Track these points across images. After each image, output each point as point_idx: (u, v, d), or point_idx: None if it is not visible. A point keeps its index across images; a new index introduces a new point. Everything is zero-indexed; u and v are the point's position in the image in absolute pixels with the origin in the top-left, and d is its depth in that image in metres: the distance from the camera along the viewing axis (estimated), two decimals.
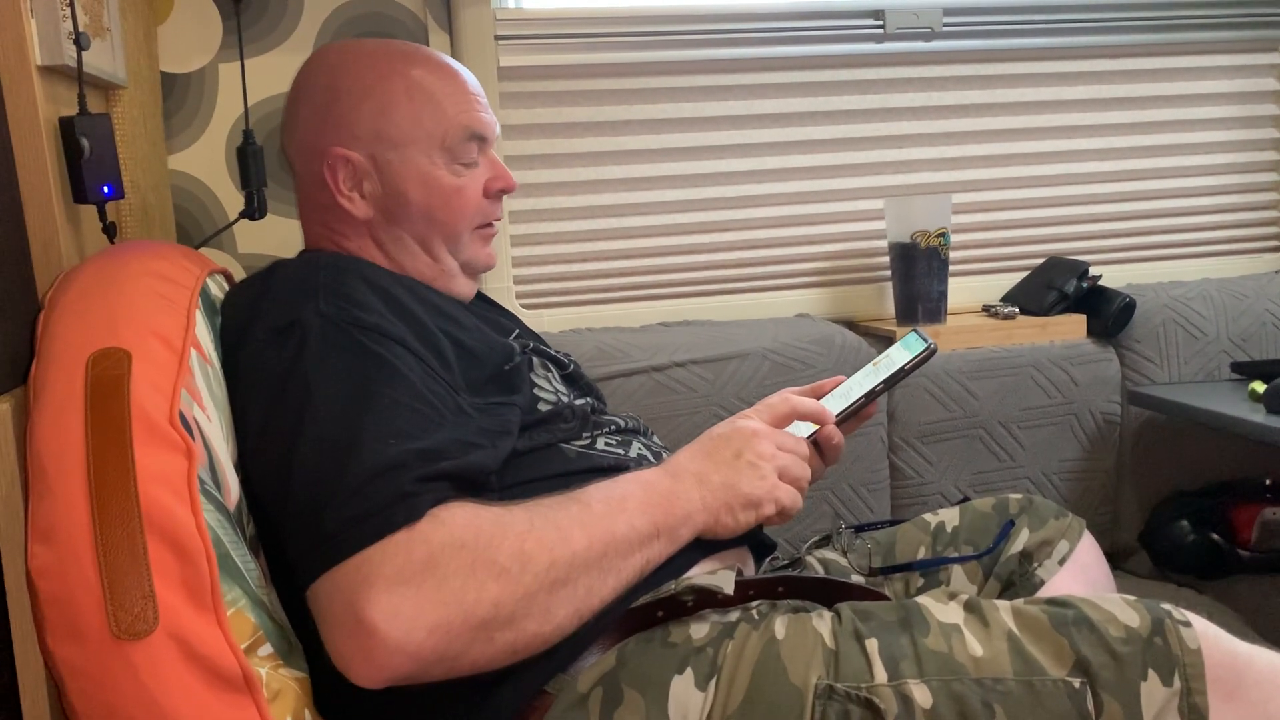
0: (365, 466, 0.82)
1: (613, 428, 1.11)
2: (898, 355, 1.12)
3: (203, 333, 0.94)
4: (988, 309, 1.75)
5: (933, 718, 0.82)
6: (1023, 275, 1.80)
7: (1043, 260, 1.80)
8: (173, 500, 0.76)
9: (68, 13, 0.98)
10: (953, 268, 1.70)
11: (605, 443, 1.07)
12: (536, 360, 1.10)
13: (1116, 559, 1.67)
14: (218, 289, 1.09)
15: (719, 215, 1.74)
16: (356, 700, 0.82)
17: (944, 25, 1.74)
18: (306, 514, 0.82)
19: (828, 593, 0.97)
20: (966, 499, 1.26)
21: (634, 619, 0.90)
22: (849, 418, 1.10)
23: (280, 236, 1.50)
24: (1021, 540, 1.15)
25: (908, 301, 1.68)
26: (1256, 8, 1.85)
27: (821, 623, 0.89)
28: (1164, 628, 0.85)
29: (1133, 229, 1.89)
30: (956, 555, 1.16)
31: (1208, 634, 0.86)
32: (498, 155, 1.16)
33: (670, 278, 1.74)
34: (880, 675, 0.84)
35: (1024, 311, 1.72)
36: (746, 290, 1.76)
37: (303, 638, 0.87)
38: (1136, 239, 1.90)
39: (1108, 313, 1.67)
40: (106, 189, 1.04)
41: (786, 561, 1.20)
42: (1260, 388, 1.47)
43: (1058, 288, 1.71)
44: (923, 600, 0.92)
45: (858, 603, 0.93)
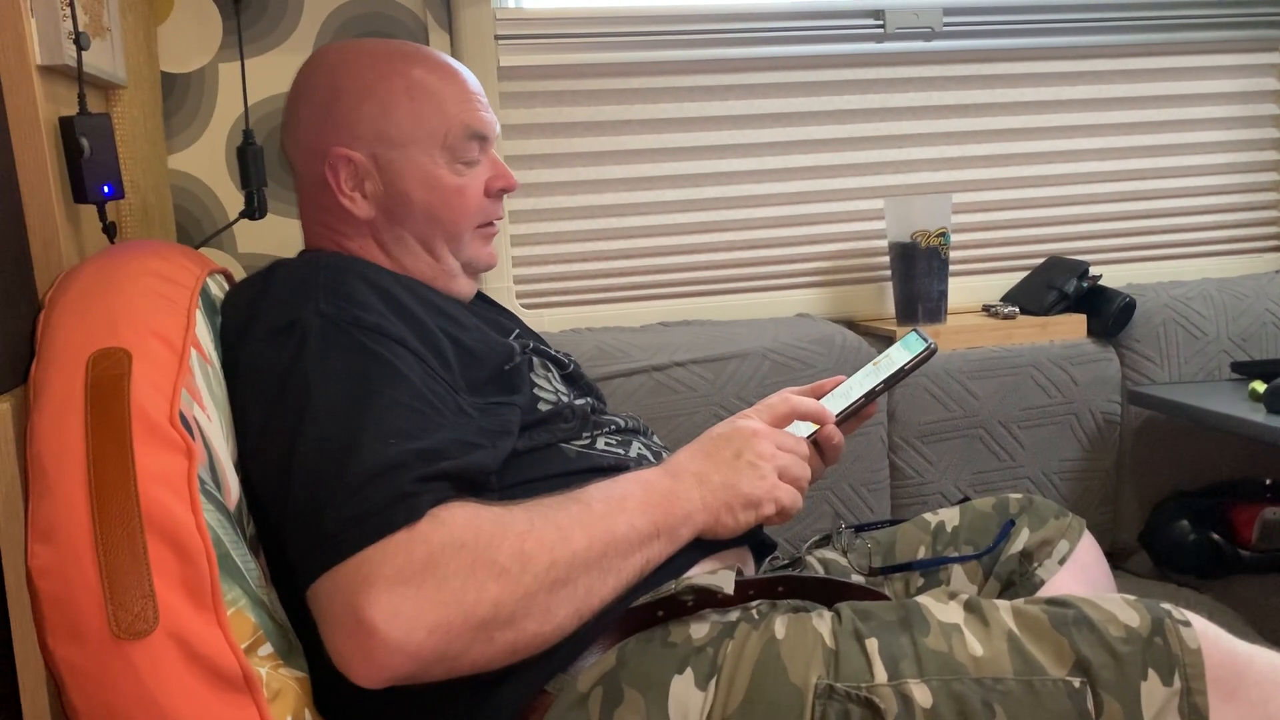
0: (365, 466, 0.82)
1: (613, 427, 1.11)
2: (898, 355, 1.12)
3: (203, 332, 0.94)
4: (988, 309, 1.75)
5: (933, 717, 0.82)
6: (1023, 275, 1.80)
7: (1043, 260, 1.80)
8: (173, 500, 0.76)
9: (68, 12, 0.98)
10: (953, 267, 1.70)
11: (605, 442, 1.07)
12: (537, 360, 1.10)
13: (1116, 559, 1.66)
14: (218, 289, 1.09)
15: (719, 215, 1.74)
16: (356, 700, 0.82)
17: (944, 25, 1.74)
18: (306, 514, 0.82)
19: (828, 592, 0.97)
20: (966, 499, 1.26)
21: (634, 619, 0.90)
22: (849, 418, 1.10)
23: (280, 236, 1.50)
24: (1021, 540, 1.15)
25: (908, 301, 1.68)
26: (1256, 8, 1.85)
27: (821, 622, 0.89)
28: (1164, 627, 0.85)
29: (1133, 229, 1.89)
30: (956, 555, 1.16)
31: (1208, 634, 0.86)
32: (498, 155, 1.16)
33: (670, 277, 1.74)
34: (880, 675, 0.84)
35: (1024, 311, 1.72)
36: (747, 290, 1.76)
37: (303, 637, 0.87)
38: (1136, 239, 1.90)
39: (1108, 312, 1.67)
40: (106, 189, 1.04)
41: (786, 561, 1.20)
42: (1260, 387, 1.47)
43: (1058, 287, 1.70)
44: (923, 600, 0.92)
45: (858, 602, 0.93)
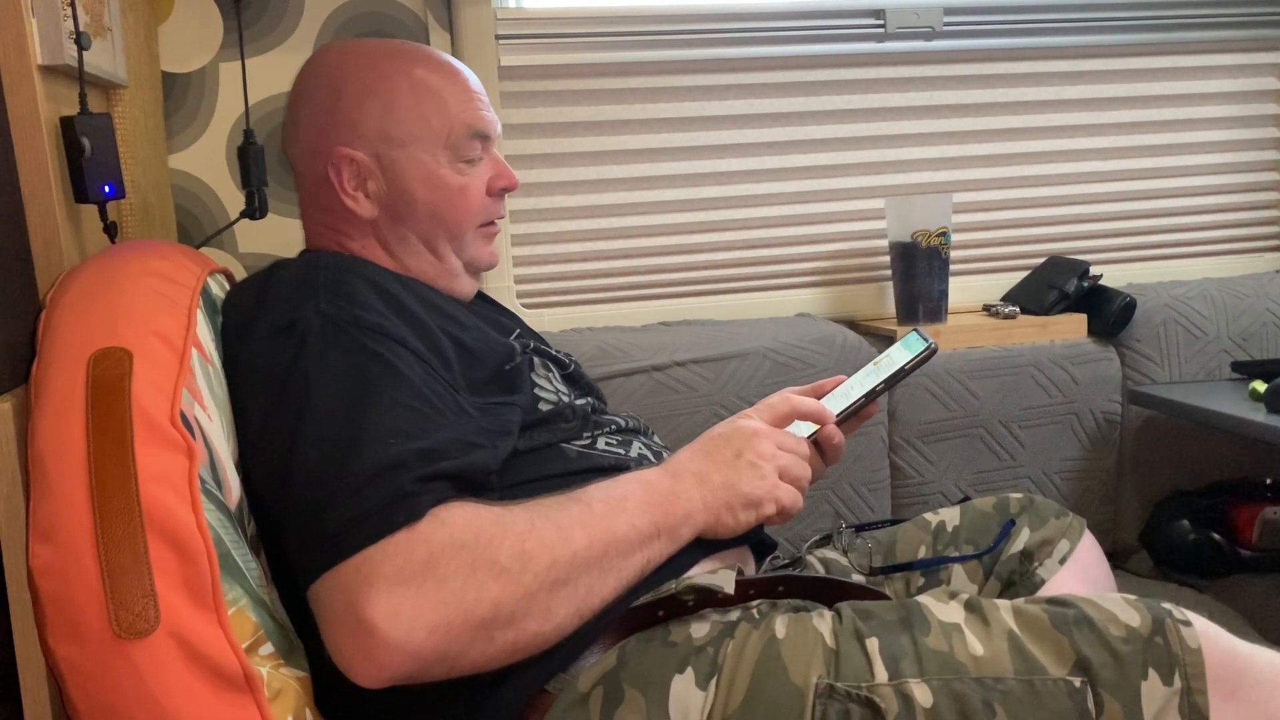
0: (365, 466, 0.82)
1: (613, 427, 1.11)
2: (898, 355, 1.12)
3: (204, 332, 0.94)
4: (988, 308, 1.75)
5: (933, 717, 0.82)
6: (1023, 275, 1.80)
7: (1043, 260, 1.80)
8: (174, 499, 0.76)
9: (68, 12, 0.98)
10: (953, 267, 1.70)
11: (606, 442, 1.07)
12: (537, 360, 1.10)
13: (1117, 558, 1.66)
14: (219, 288, 1.09)
15: (719, 214, 1.74)
16: (357, 700, 0.82)
17: (944, 25, 1.74)
18: (307, 514, 0.82)
19: (828, 592, 0.97)
20: (967, 498, 1.26)
21: (634, 618, 0.91)
22: (849, 417, 1.10)
23: (281, 236, 1.50)
24: (1022, 539, 1.15)
25: (908, 301, 1.68)
26: (1256, 7, 1.85)
27: (822, 622, 0.89)
28: (1164, 627, 0.85)
29: (1133, 228, 1.89)
30: (957, 554, 1.16)
31: (1208, 633, 0.86)
32: (498, 154, 1.17)
33: (671, 277, 1.74)
34: (881, 674, 0.84)
35: (1024, 311, 1.72)
36: (747, 290, 1.76)
37: (303, 637, 0.87)
38: (1137, 238, 1.90)
39: (1108, 312, 1.67)
40: (107, 188, 1.04)
41: (787, 561, 1.20)
42: (1261, 387, 1.47)
43: (1058, 287, 1.70)
44: (923, 599, 0.92)
45: (858, 602, 0.93)
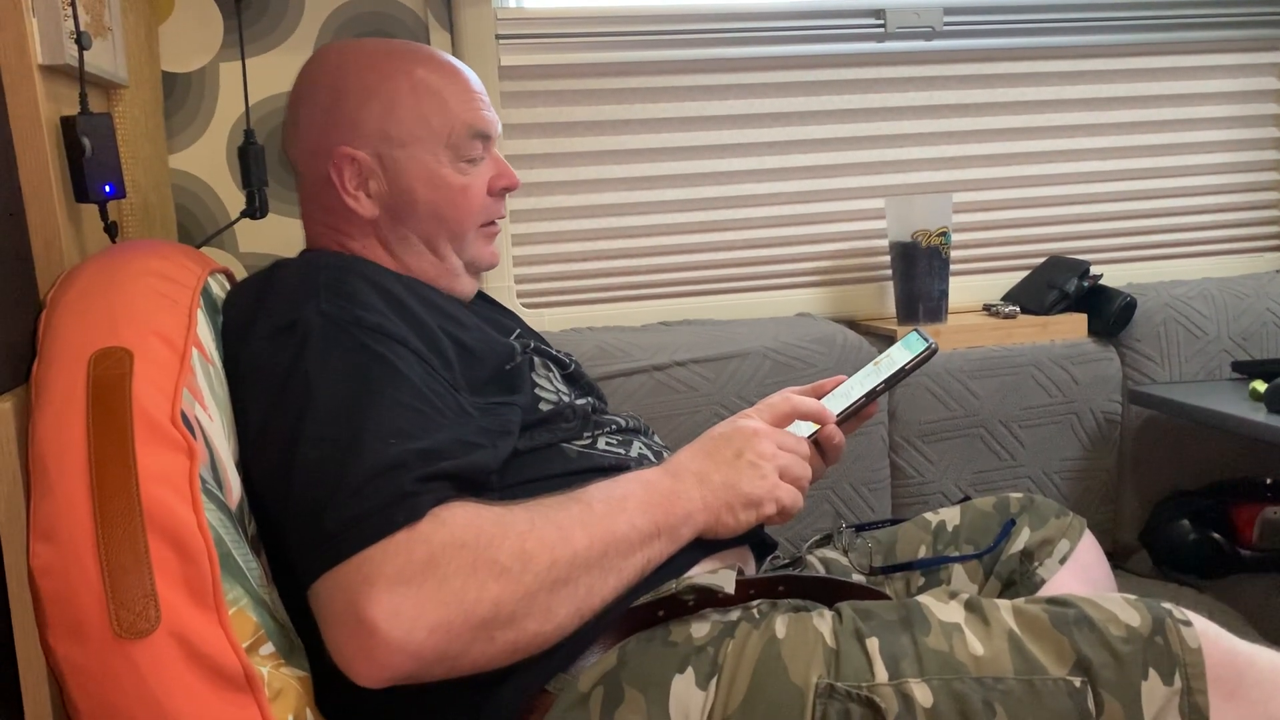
0: (366, 466, 0.82)
1: (614, 427, 1.11)
2: (899, 355, 1.12)
3: (204, 332, 0.94)
4: (988, 308, 1.75)
5: (933, 717, 0.82)
6: (1023, 274, 1.80)
7: (1043, 259, 1.80)
8: (174, 499, 0.76)
9: (69, 12, 0.98)
10: (953, 267, 1.70)
11: (606, 442, 1.07)
12: (538, 360, 1.10)
13: (1117, 558, 1.66)
14: (219, 288, 1.09)
15: (720, 214, 1.74)
16: (358, 699, 0.82)
17: (944, 24, 1.74)
18: (307, 513, 0.82)
19: (828, 592, 0.97)
20: (967, 498, 1.27)
21: (635, 618, 0.91)
22: (850, 417, 1.10)
23: (282, 236, 1.50)
24: (1022, 539, 1.15)
25: (908, 301, 1.68)
26: (1256, 7, 1.85)
27: (822, 622, 0.89)
28: (1165, 627, 0.85)
29: (1133, 228, 1.89)
30: (957, 554, 1.16)
31: (1208, 633, 0.86)
32: (499, 154, 1.17)
33: (671, 277, 1.74)
34: (881, 674, 0.84)
35: (1025, 311, 1.72)
36: (747, 289, 1.76)
37: (304, 637, 0.87)
38: (1137, 238, 1.90)
39: (1108, 312, 1.67)
40: (108, 188, 1.04)
41: (787, 561, 1.20)
42: (1261, 387, 1.47)
43: (1058, 287, 1.70)
44: (923, 599, 0.92)
45: (858, 602, 0.93)
